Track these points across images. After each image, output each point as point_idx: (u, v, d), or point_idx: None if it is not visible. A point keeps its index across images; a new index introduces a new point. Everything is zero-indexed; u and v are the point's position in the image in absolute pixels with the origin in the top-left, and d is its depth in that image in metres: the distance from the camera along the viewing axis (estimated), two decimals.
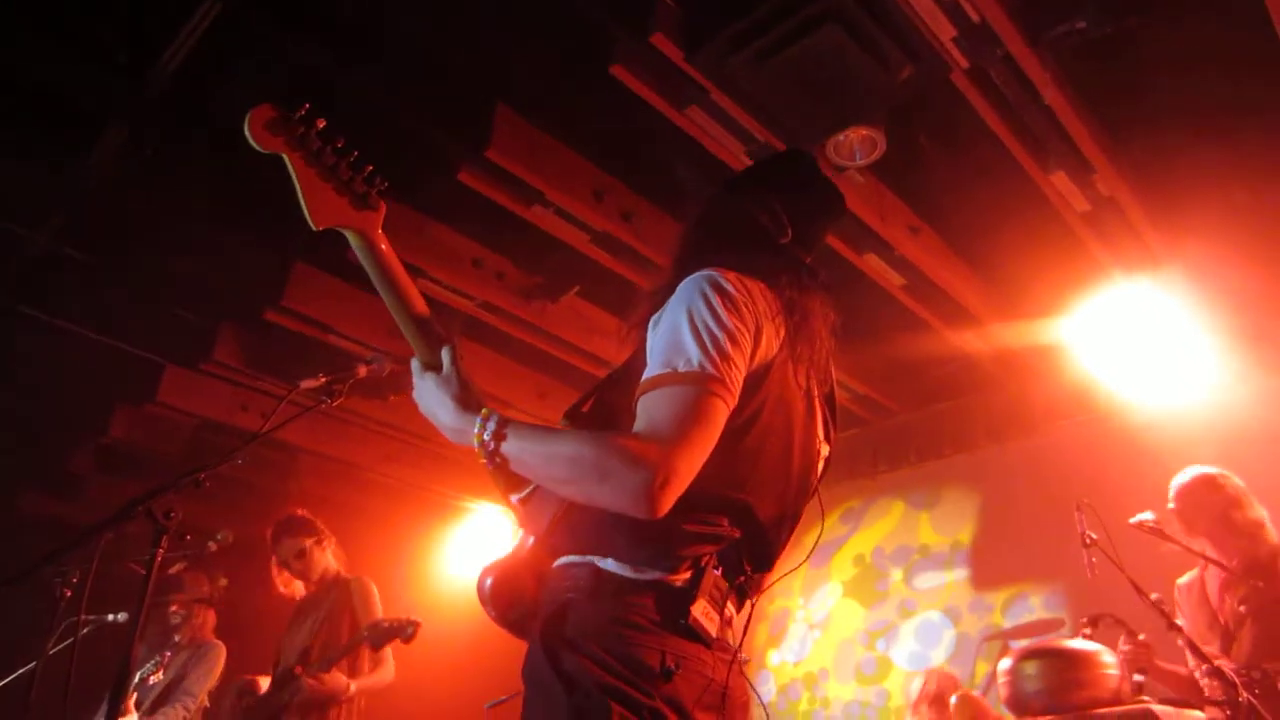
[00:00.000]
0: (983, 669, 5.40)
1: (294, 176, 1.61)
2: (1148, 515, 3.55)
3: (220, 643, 4.63)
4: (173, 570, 4.17)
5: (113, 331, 5.28)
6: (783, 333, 1.63)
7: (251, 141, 1.57)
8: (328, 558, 4.30)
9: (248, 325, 5.41)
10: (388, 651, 4.04)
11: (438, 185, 4.30)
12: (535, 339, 5.48)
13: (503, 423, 1.50)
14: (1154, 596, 3.26)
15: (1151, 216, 4.41)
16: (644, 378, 1.46)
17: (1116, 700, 3.20)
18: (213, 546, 4.00)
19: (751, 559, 1.56)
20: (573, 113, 4.07)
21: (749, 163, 3.97)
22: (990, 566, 5.69)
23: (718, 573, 1.50)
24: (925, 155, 4.19)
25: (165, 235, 4.59)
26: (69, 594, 3.32)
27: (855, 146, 3.78)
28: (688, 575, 1.47)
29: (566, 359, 5.74)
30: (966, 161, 4.24)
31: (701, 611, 1.46)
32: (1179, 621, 3.20)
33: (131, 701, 4.26)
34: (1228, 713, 2.87)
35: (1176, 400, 5.01)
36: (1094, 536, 3.33)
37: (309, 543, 4.24)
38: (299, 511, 4.38)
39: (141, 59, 3.58)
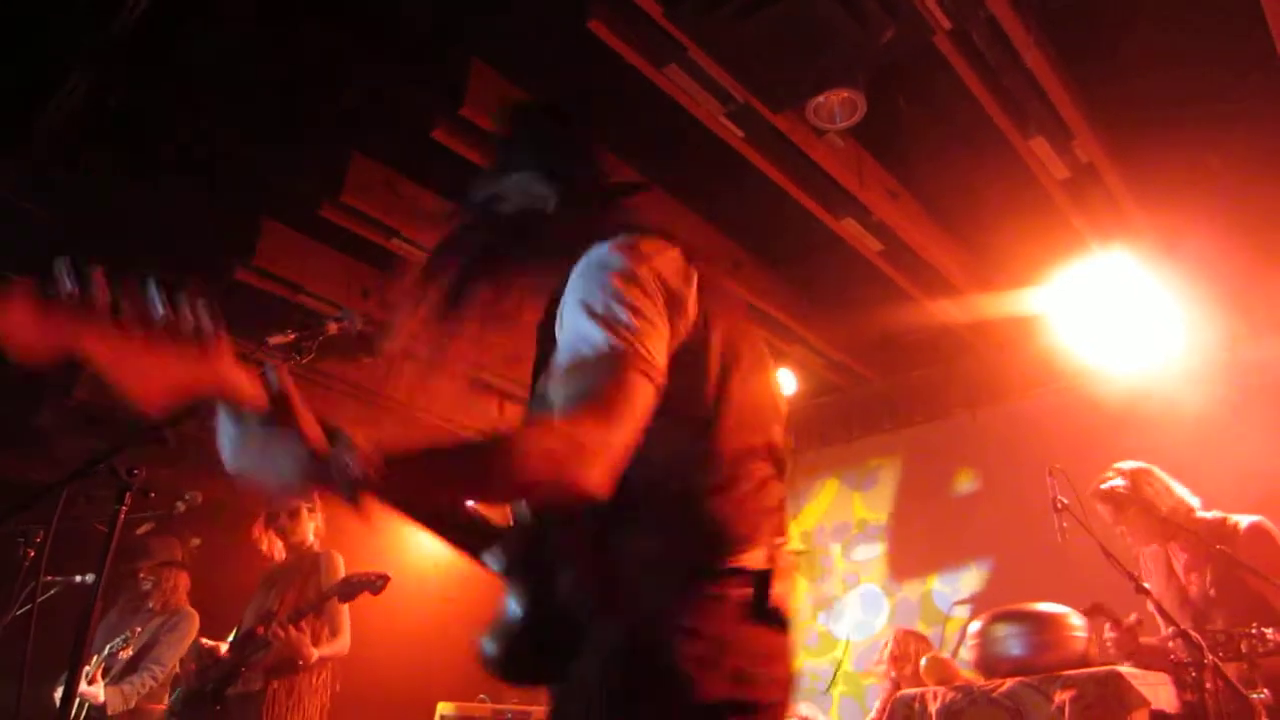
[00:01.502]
0: (953, 631, 5.50)
1: (93, 361, 1.11)
2: (1117, 481, 3.58)
3: (192, 610, 4.60)
4: (140, 531, 4.10)
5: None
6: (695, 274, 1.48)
7: (14, 347, 1.08)
8: (310, 529, 4.27)
9: (216, 284, 5.31)
10: (344, 623, 4.04)
11: (412, 142, 4.23)
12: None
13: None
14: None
15: (1129, 184, 4.42)
16: (560, 356, 1.36)
17: (1084, 662, 3.24)
18: (181, 507, 3.96)
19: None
20: (550, 70, 4.00)
21: (728, 124, 3.93)
22: (956, 534, 5.74)
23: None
24: (905, 119, 4.17)
25: (129, 190, 4.48)
26: (32, 554, 3.28)
27: (835, 109, 3.73)
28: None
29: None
30: (946, 126, 4.22)
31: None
32: (1146, 586, 3.24)
33: (99, 670, 4.22)
34: (1193, 674, 2.91)
35: (1150, 369, 5.05)
36: (1065, 501, 3.35)
37: (304, 506, 4.21)
38: None
39: (106, 3, 3.47)
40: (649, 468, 1.30)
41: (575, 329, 1.33)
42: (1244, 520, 3.56)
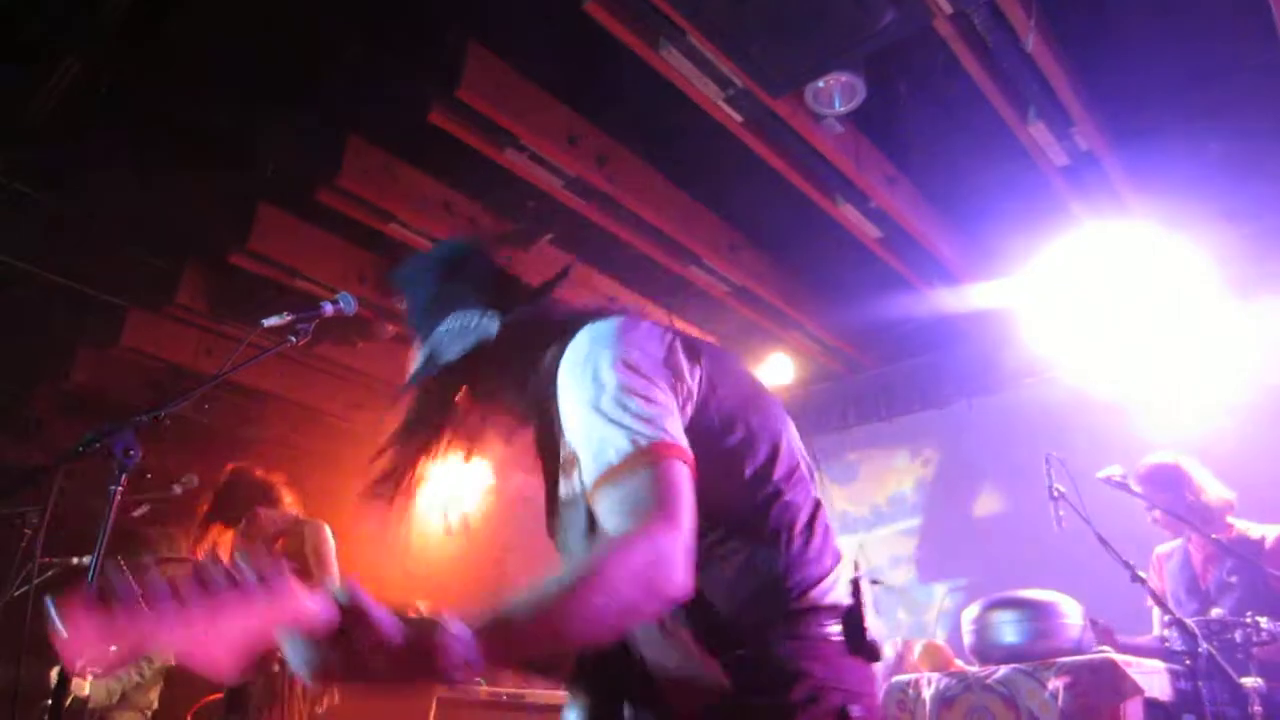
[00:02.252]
0: (930, 618, 5.55)
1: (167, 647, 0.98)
2: (1115, 470, 3.59)
3: None
4: (136, 514, 4.08)
5: (73, 273, 5.16)
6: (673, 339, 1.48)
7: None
8: (277, 511, 4.13)
9: (212, 268, 5.31)
10: None
11: (408, 126, 4.21)
12: None
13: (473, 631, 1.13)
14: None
15: (1127, 171, 4.40)
16: (587, 478, 1.32)
17: (1078, 650, 3.24)
18: (177, 490, 3.95)
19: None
20: (547, 53, 3.98)
21: (726, 108, 3.91)
22: (952, 522, 5.75)
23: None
24: (904, 105, 4.15)
25: (124, 174, 4.46)
26: (29, 535, 3.28)
27: (835, 93, 3.72)
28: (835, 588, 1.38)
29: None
30: (946, 112, 4.20)
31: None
32: (1142, 574, 3.24)
33: None
34: (1188, 663, 2.92)
35: (1148, 357, 5.04)
36: (1062, 489, 3.36)
37: (260, 509, 4.09)
38: (237, 474, 4.15)
39: None
40: (707, 546, 1.31)
41: (592, 436, 1.30)
42: (1271, 531, 3.60)
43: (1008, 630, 3.37)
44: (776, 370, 6.32)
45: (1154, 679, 3.12)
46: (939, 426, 6.08)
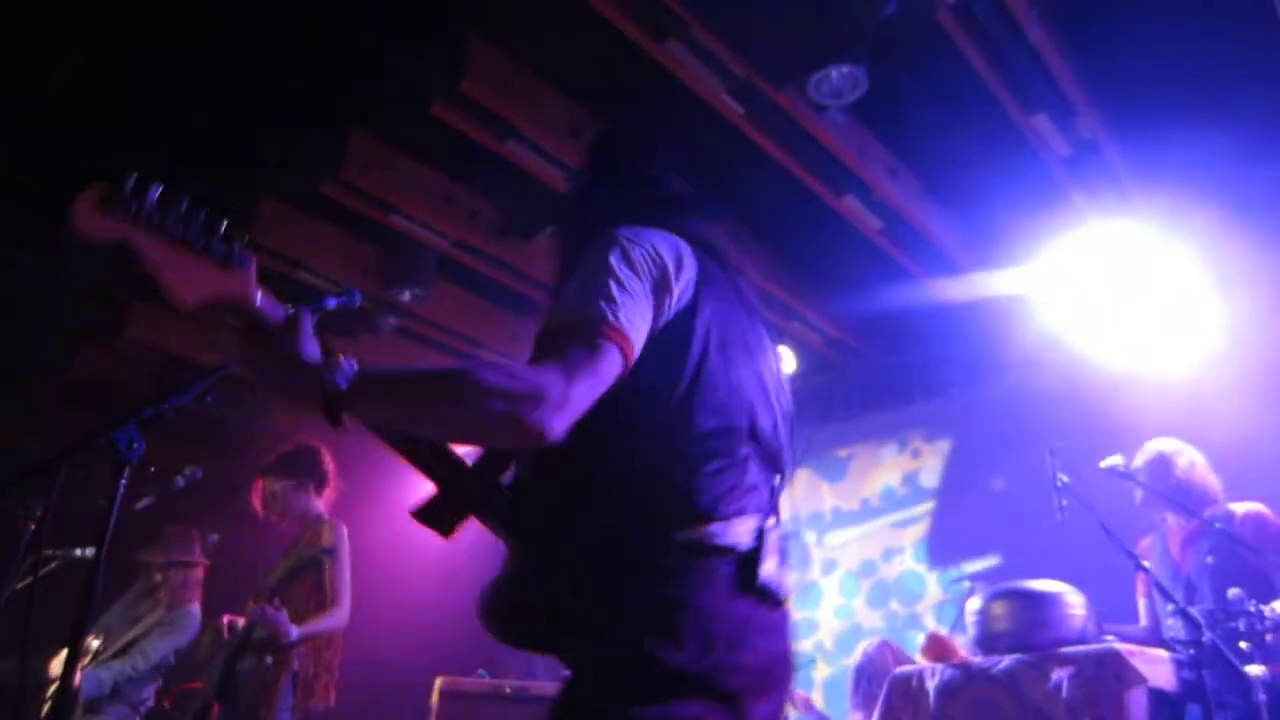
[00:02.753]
0: (924, 608, 5.57)
1: (143, 259, 1.32)
2: (1118, 459, 3.59)
3: (195, 609, 4.59)
4: (139, 506, 4.07)
5: (75, 264, 5.15)
6: (695, 267, 1.60)
7: (82, 233, 1.30)
8: (305, 502, 4.17)
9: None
10: (339, 594, 3.88)
11: (410, 118, 4.21)
12: (508, 279, 5.41)
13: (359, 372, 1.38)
14: None
15: (1130, 162, 4.39)
16: (545, 322, 1.47)
17: (1082, 640, 3.25)
18: (180, 483, 3.95)
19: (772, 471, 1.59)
20: (548, 46, 3.97)
21: (728, 100, 3.91)
22: (955, 512, 5.75)
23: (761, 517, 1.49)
24: (907, 96, 4.14)
25: (126, 165, 4.45)
26: (34, 528, 3.28)
27: (837, 85, 3.71)
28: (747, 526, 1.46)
29: (541, 300, 5.67)
30: (948, 103, 4.19)
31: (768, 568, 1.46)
32: (1146, 564, 3.25)
33: (97, 644, 4.25)
34: (1191, 651, 2.92)
35: (1150, 348, 5.04)
36: (1065, 479, 3.36)
37: (274, 489, 4.12)
38: (291, 450, 4.24)
39: None
40: (621, 436, 1.44)
41: (565, 294, 1.47)
42: (1240, 508, 3.59)
43: (1011, 621, 3.38)
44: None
45: (1158, 668, 3.12)
46: (936, 417, 6.08)
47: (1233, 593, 3.25)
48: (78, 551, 3.86)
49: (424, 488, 1.56)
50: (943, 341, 6.07)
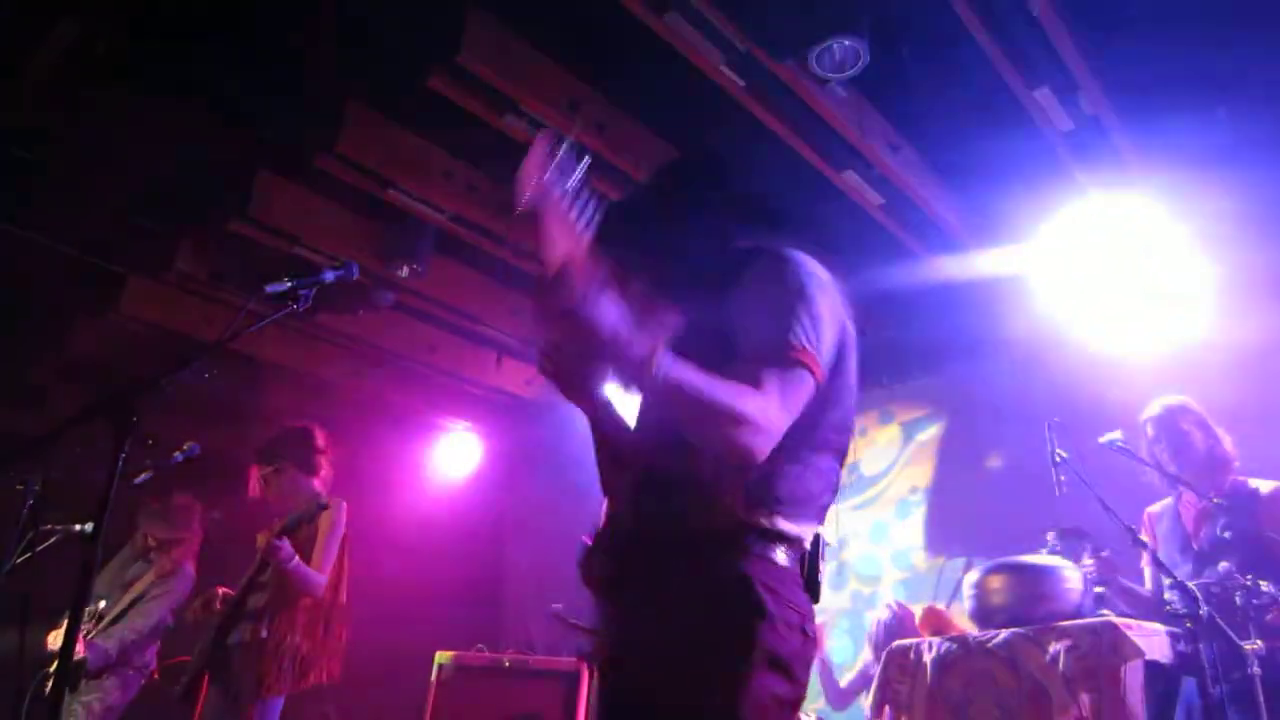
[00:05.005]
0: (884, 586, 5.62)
1: (553, 217, 1.58)
2: (1117, 435, 3.59)
3: (189, 570, 4.61)
4: (138, 481, 4.07)
5: (72, 240, 5.13)
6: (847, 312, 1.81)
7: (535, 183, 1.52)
8: (302, 482, 4.15)
9: (212, 235, 5.28)
10: (323, 562, 3.86)
11: (408, 92, 4.17)
12: (508, 254, 5.39)
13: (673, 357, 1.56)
14: None
15: (1133, 137, 4.37)
16: (757, 344, 1.62)
17: (1079, 614, 3.26)
18: (179, 458, 3.95)
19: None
20: (546, 17, 3.94)
21: (728, 73, 3.88)
22: (954, 489, 5.76)
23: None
24: (908, 70, 4.11)
25: (122, 140, 4.43)
26: (31, 504, 3.29)
27: (838, 58, 3.68)
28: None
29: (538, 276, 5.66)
30: (950, 77, 4.16)
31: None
32: (1144, 539, 3.26)
33: (93, 624, 4.27)
34: (1189, 625, 2.94)
35: (1150, 325, 5.03)
36: (1064, 455, 3.36)
37: (268, 471, 4.10)
38: (291, 432, 4.22)
39: None
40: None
41: (775, 320, 1.63)
42: (1266, 485, 3.58)
43: (1008, 594, 3.39)
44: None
45: (1154, 641, 3.14)
46: (940, 393, 6.08)
47: (1222, 566, 3.26)
48: (77, 527, 3.87)
49: (423, 467, 1.60)
50: (941, 318, 6.04)
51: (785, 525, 1.61)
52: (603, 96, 4.34)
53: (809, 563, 1.66)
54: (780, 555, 1.60)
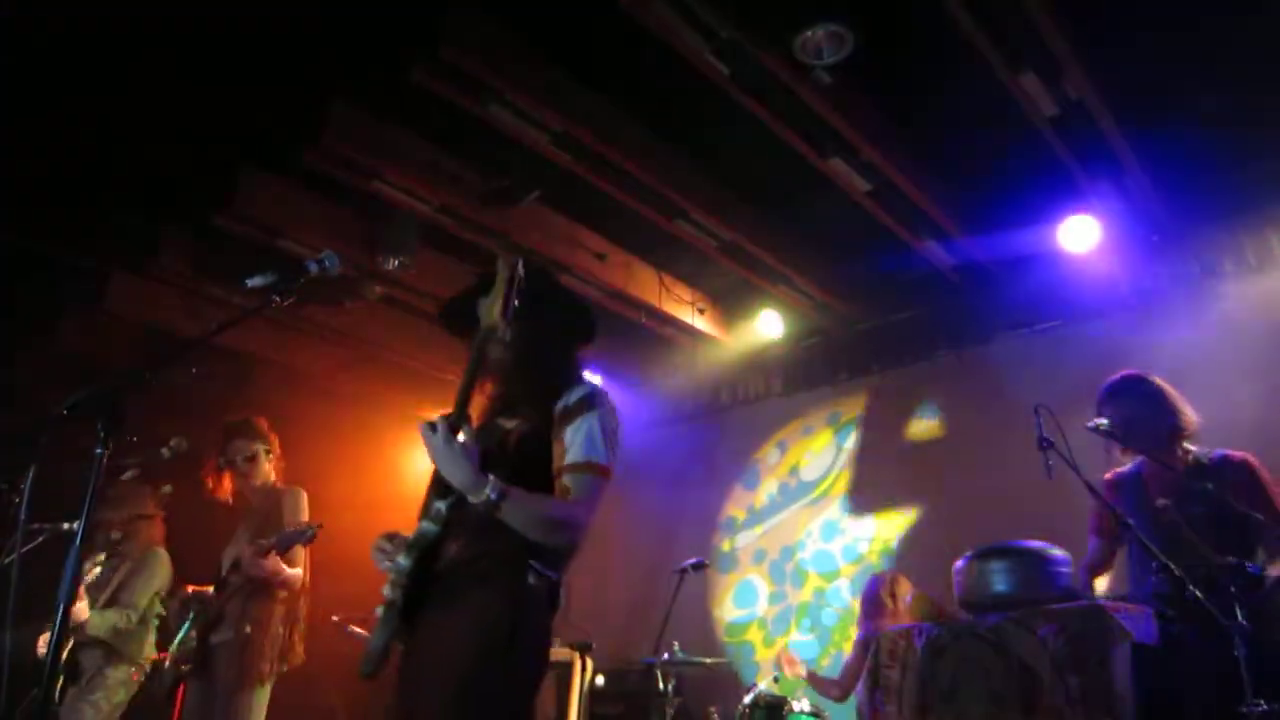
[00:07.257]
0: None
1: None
2: (1104, 420, 3.58)
3: (162, 551, 4.59)
4: (124, 478, 4.06)
5: (55, 236, 5.09)
6: None
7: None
8: (270, 470, 4.20)
9: (196, 230, 5.25)
10: (299, 557, 3.94)
11: (391, 84, 4.14)
12: (495, 245, 5.36)
13: (503, 492, 2.03)
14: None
15: (1118, 121, 4.36)
16: (572, 459, 2.18)
17: (1068, 597, 3.27)
18: (166, 454, 3.93)
19: None
20: (530, 7, 3.91)
21: (713, 61, 3.86)
22: (944, 475, 5.77)
23: None
24: (893, 56, 4.10)
25: (104, 135, 4.39)
26: (17, 501, 3.25)
27: (822, 44, 3.67)
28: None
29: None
30: (935, 62, 4.16)
31: None
32: (1129, 522, 3.26)
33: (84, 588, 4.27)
34: (1175, 608, 2.94)
35: (1136, 308, 5.05)
36: (1051, 439, 3.36)
37: (260, 449, 4.14)
38: (258, 419, 4.28)
39: None
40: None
41: (593, 441, 2.21)
42: (1233, 455, 3.57)
43: (997, 579, 3.39)
44: (767, 326, 6.31)
45: (1142, 624, 3.15)
46: (926, 379, 6.09)
47: (1204, 550, 3.25)
48: (65, 525, 3.84)
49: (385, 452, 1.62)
50: (931, 304, 6.06)
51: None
52: (588, 86, 4.32)
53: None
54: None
